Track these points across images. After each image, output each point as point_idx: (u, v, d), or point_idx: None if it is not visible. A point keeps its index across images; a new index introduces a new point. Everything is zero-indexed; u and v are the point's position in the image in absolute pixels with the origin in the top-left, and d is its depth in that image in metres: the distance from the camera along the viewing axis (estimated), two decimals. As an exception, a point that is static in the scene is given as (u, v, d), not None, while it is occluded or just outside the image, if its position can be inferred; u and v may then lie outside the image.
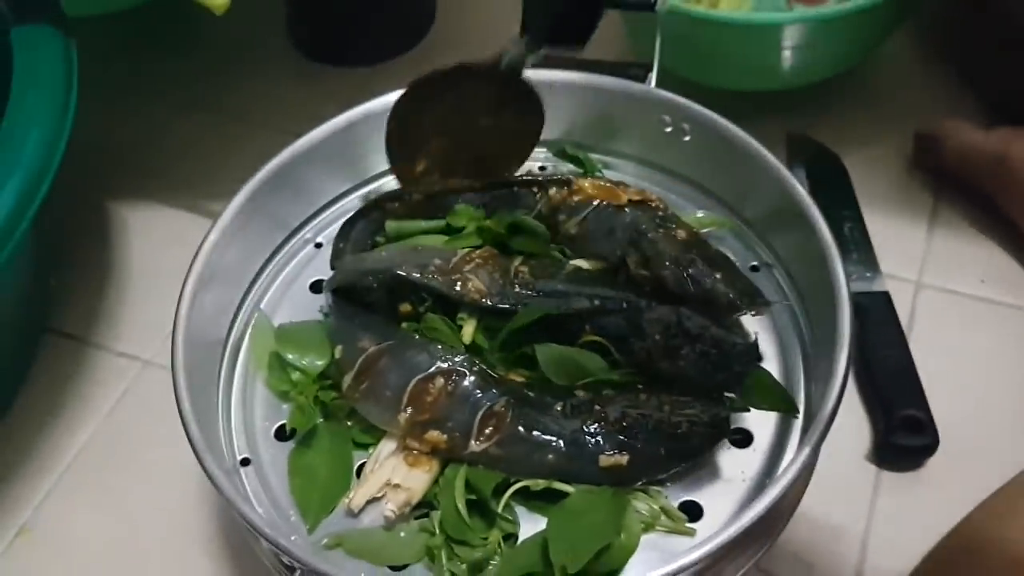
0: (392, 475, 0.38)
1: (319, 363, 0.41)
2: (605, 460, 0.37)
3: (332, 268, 0.47)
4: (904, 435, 0.48)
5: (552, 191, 0.45)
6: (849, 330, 0.37)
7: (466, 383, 0.38)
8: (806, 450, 0.34)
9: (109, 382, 0.56)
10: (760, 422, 0.40)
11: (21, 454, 0.52)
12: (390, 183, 0.50)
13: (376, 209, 0.47)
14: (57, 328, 0.58)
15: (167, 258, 0.58)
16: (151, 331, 0.57)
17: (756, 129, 0.45)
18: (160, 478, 0.50)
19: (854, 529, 0.46)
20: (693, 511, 0.38)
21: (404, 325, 0.42)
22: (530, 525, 0.37)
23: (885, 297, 0.53)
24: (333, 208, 0.50)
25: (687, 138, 0.47)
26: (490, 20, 0.73)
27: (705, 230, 0.46)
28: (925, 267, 0.56)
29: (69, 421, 0.54)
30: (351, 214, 0.48)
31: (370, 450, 0.40)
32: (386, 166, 0.51)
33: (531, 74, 0.50)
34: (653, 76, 0.48)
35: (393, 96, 0.49)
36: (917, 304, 0.55)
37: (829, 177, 0.61)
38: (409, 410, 0.38)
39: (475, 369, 0.38)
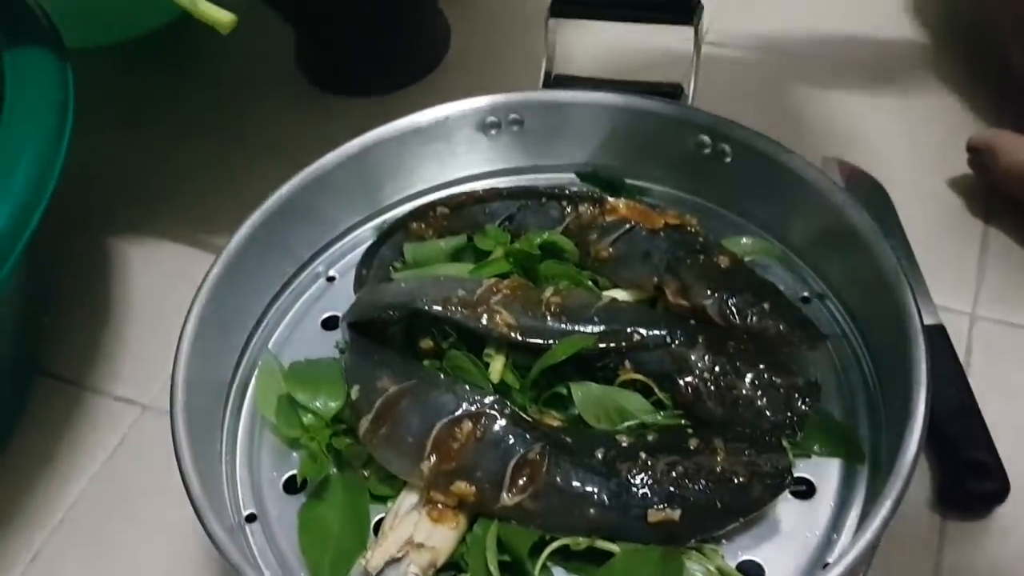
0: (414, 532, 0.34)
1: (333, 405, 0.38)
2: (654, 515, 0.33)
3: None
4: (971, 480, 0.44)
5: (583, 207, 0.42)
6: (926, 366, 0.33)
7: (496, 427, 0.34)
8: (887, 503, 0.30)
9: (106, 428, 0.52)
10: (822, 470, 0.36)
11: (10, 507, 0.49)
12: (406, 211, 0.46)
13: (400, 230, 0.44)
14: (50, 370, 0.55)
15: (169, 295, 0.55)
16: (151, 373, 0.54)
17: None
18: (161, 532, 0.47)
19: (921, 584, 0.42)
20: (753, 572, 0.34)
21: (426, 362, 0.39)
22: (570, 590, 0.33)
23: (940, 330, 0.49)
24: (346, 239, 0.47)
25: (728, 160, 0.44)
26: (505, 49, 0.70)
27: (748, 258, 0.43)
28: (980, 297, 0.53)
29: (63, 471, 0.50)
30: (374, 238, 0.44)
31: (389, 503, 0.36)
32: (402, 194, 0.48)
33: (555, 95, 0.47)
34: (690, 94, 0.45)
35: (409, 120, 0.47)
36: (973, 338, 0.51)
37: (870, 203, 0.57)
38: (433, 458, 0.34)
39: (506, 412, 0.35)
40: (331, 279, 0.46)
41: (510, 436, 0.34)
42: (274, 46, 0.73)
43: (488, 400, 0.35)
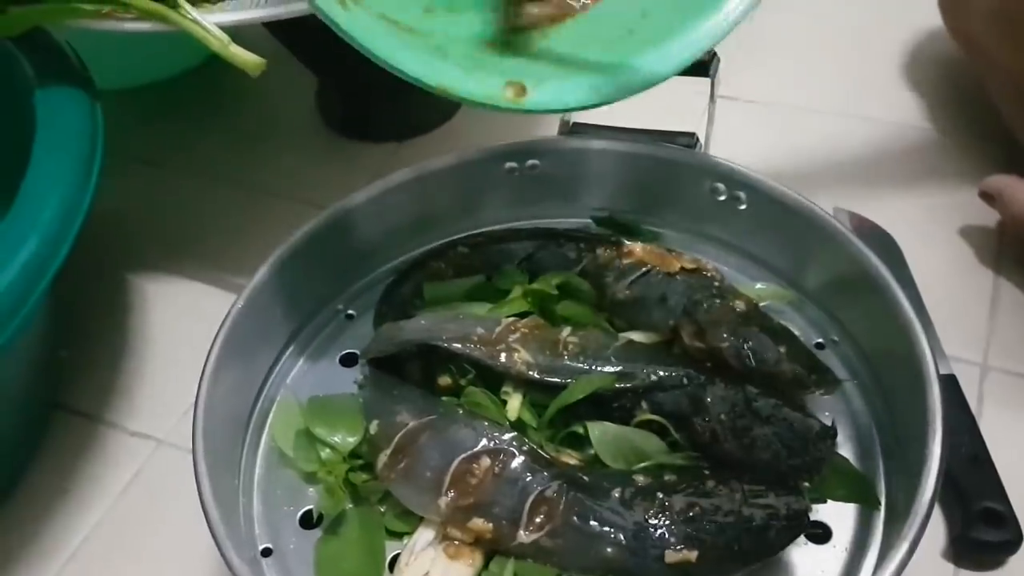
0: (431, 569, 0.34)
1: (351, 440, 0.38)
2: (672, 556, 0.33)
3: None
4: (984, 530, 0.44)
5: (600, 249, 0.43)
6: (941, 413, 0.34)
7: (515, 464, 0.35)
8: (904, 545, 0.30)
9: (121, 462, 0.52)
10: (838, 515, 0.36)
11: (23, 540, 0.49)
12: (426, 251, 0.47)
13: (419, 269, 0.45)
14: (67, 404, 0.55)
15: (187, 332, 0.56)
16: (167, 409, 0.54)
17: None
18: (173, 566, 0.46)
19: (935, 635, 0.42)
20: (769, 614, 0.34)
21: (443, 399, 0.39)
22: (586, 629, 0.33)
23: (952, 380, 0.50)
24: (366, 278, 0.47)
25: (743, 207, 0.45)
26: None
27: (763, 304, 0.44)
28: (991, 348, 0.53)
29: (77, 504, 0.50)
30: (394, 277, 0.45)
31: (405, 539, 0.36)
32: (420, 235, 0.48)
33: (573, 142, 0.48)
34: (705, 143, 0.46)
35: (429, 164, 0.48)
36: (985, 388, 0.51)
37: (881, 254, 0.58)
38: (451, 494, 0.34)
39: (525, 449, 0.35)
40: (350, 316, 0.46)
41: (528, 473, 0.35)
42: (295, 93, 0.74)
43: (507, 436, 0.35)
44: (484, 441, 0.35)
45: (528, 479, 0.34)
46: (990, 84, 0.61)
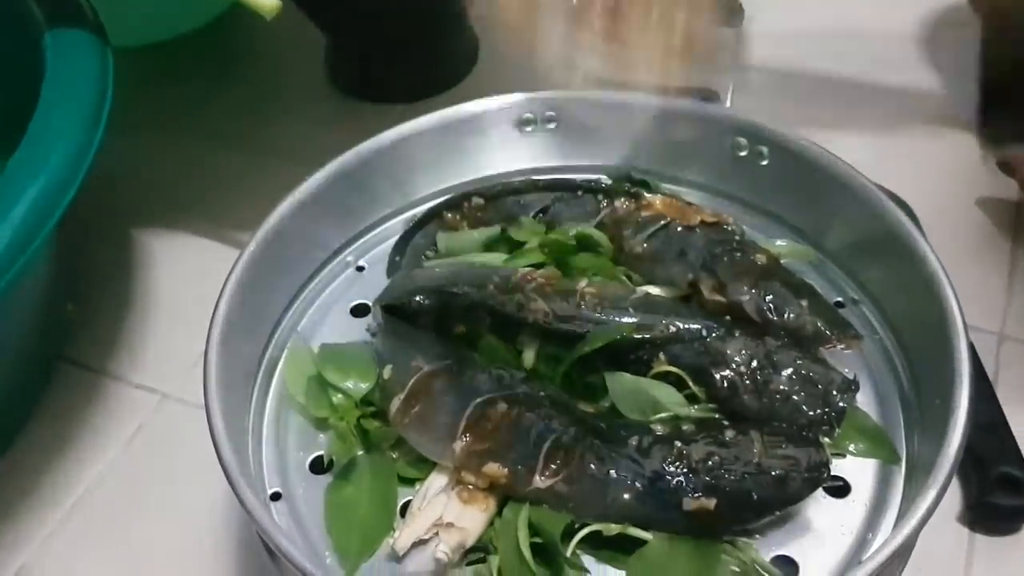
0: (444, 513, 0.33)
1: (363, 386, 0.37)
2: (690, 504, 0.32)
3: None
4: (1001, 495, 0.43)
5: (619, 202, 0.42)
6: (968, 368, 0.33)
7: (532, 410, 0.34)
8: (931, 495, 0.30)
9: (124, 415, 0.52)
10: (857, 470, 0.36)
11: (25, 489, 0.48)
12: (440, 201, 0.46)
13: (434, 220, 0.44)
14: (73, 357, 0.54)
15: (193, 288, 0.55)
16: (172, 363, 0.54)
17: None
18: (174, 518, 0.46)
19: (950, 599, 0.41)
20: (786, 567, 0.33)
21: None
22: (600, 577, 0.33)
23: (969, 348, 0.49)
24: (377, 230, 0.47)
25: (764, 163, 0.44)
26: (532, 61, 0.71)
27: (782, 261, 0.43)
28: (1008, 317, 0.52)
29: (79, 455, 0.50)
30: (409, 227, 0.44)
31: (417, 486, 0.36)
32: (433, 188, 0.48)
33: (591, 94, 0.47)
34: (728, 96, 0.45)
35: (443, 114, 0.47)
36: (1001, 356, 0.50)
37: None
38: (466, 438, 0.34)
39: (542, 395, 0.34)
40: (360, 268, 0.45)
41: (545, 419, 0.34)
42: (305, 54, 0.73)
43: (524, 382, 0.35)
44: (500, 386, 0.35)
45: (545, 425, 0.34)
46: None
